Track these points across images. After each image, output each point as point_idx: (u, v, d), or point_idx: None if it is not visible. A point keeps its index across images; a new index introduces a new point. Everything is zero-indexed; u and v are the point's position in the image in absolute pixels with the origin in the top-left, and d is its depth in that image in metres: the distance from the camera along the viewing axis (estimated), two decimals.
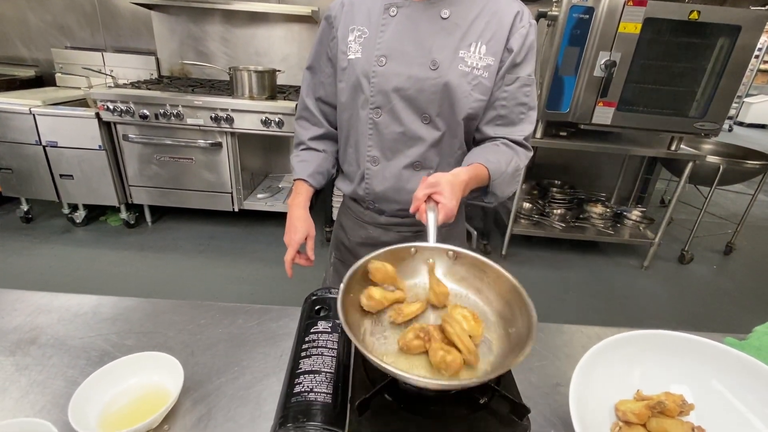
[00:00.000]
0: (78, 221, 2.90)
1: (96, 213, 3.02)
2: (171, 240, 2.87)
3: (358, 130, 0.94)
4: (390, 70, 0.86)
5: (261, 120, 2.48)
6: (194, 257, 2.68)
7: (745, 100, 8.71)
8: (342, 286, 0.62)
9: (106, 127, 2.59)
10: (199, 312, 0.82)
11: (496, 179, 0.86)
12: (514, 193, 2.72)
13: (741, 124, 8.93)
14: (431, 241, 0.71)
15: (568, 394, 0.71)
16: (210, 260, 2.67)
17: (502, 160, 0.87)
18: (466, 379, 0.51)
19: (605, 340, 0.62)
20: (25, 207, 2.87)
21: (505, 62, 0.85)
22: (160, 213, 3.12)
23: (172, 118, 2.49)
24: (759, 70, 8.68)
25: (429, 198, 0.74)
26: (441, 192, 0.73)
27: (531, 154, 0.95)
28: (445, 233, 1.02)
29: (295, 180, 1.03)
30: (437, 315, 0.66)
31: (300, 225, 0.98)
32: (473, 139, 0.96)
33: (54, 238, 2.79)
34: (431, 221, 0.72)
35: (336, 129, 1.03)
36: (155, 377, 0.65)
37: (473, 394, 0.60)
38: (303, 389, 0.57)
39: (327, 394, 0.56)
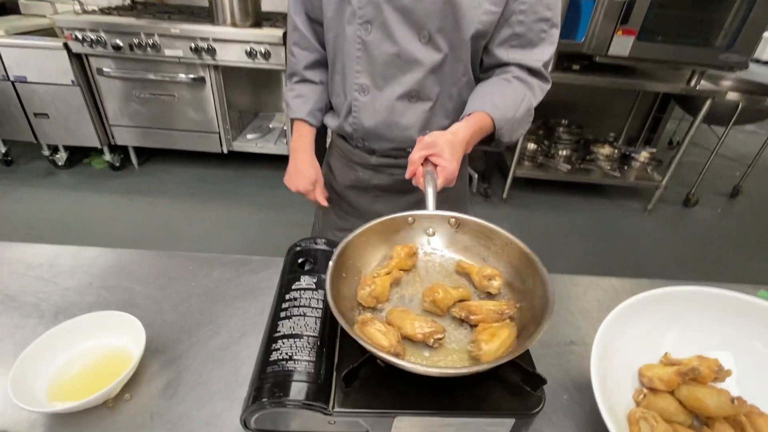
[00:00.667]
0: (60, 164, 2.76)
1: (79, 155, 2.87)
2: (159, 183, 2.75)
3: (344, 51, 0.79)
4: None
5: (245, 51, 2.25)
6: (184, 201, 2.58)
7: (765, 34, 8.18)
8: (330, 264, 0.52)
9: (78, 60, 2.36)
10: (169, 263, 0.73)
11: (502, 127, 0.74)
12: None
13: (758, 61, 8.45)
14: (430, 208, 0.63)
15: (582, 353, 0.64)
16: (200, 204, 2.56)
17: (511, 104, 0.74)
18: (475, 365, 0.43)
19: (635, 298, 0.53)
20: (2, 148, 2.71)
21: None
22: (147, 155, 2.97)
23: (148, 49, 2.26)
24: None
25: (426, 160, 0.66)
26: (439, 153, 0.64)
27: (549, 86, 0.81)
28: (445, 192, 0.92)
29: (293, 119, 0.92)
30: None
31: (307, 170, 0.91)
32: (481, 63, 0.81)
33: (36, 182, 2.67)
34: (430, 187, 0.63)
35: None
36: (116, 339, 0.57)
37: None
38: (281, 357, 0.49)
39: (309, 362, 0.48)
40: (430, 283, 0.58)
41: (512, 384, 0.49)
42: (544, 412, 0.53)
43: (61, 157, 2.74)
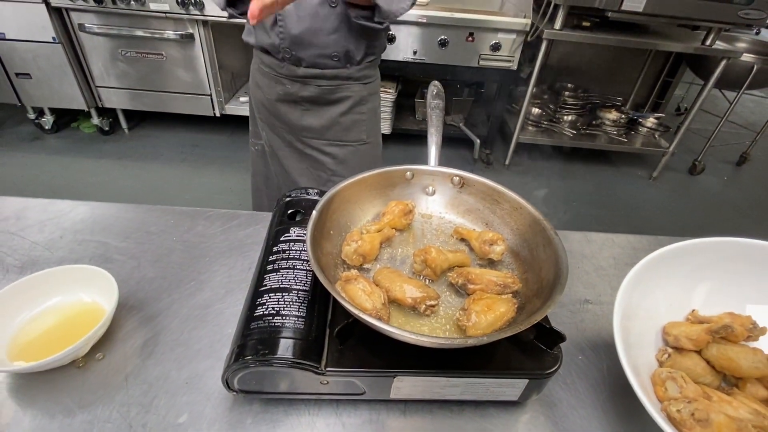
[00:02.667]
0: (47, 127, 2.65)
1: (67, 119, 2.76)
2: (151, 148, 2.65)
3: None
4: None
5: None
6: (177, 166, 2.50)
7: None
8: (314, 213, 0.46)
9: (57, 14, 2.22)
10: (148, 217, 0.67)
11: None
12: (526, 97, 2.46)
13: None
14: (432, 162, 0.57)
15: (598, 312, 0.59)
16: (194, 169, 2.49)
17: None
18: (474, 337, 0.38)
19: (663, 249, 0.48)
20: None
21: None
22: (138, 119, 2.86)
23: (132, 2, 2.12)
24: None
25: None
26: None
27: None
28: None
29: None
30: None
31: None
32: None
33: (23, 146, 2.57)
34: (433, 137, 0.58)
35: None
36: (85, 296, 0.52)
37: None
38: (267, 312, 0.43)
39: (299, 317, 0.43)
40: (424, 246, 0.52)
41: (525, 341, 0.44)
42: (558, 374, 0.49)
43: (48, 120, 2.63)
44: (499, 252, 0.51)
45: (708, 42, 2.31)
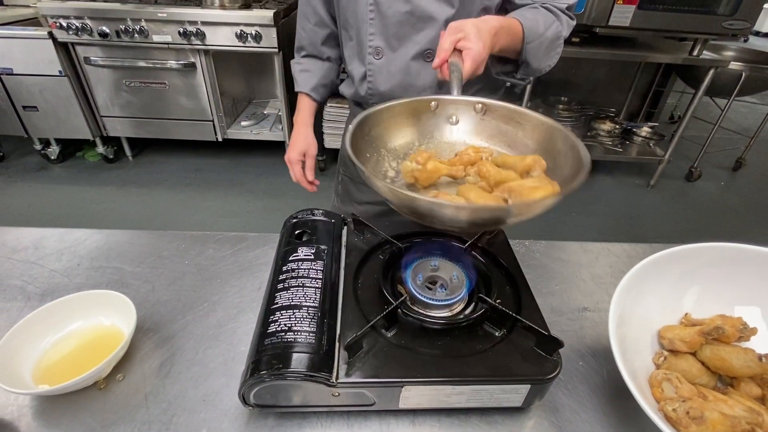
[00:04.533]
0: (53, 157, 2.71)
1: (72, 149, 2.82)
2: (154, 174, 2.70)
3: (357, 15, 0.76)
4: None
5: (236, 34, 2.19)
6: (180, 191, 2.54)
7: (765, 5, 8.02)
8: (353, 125, 0.50)
9: (64, 49, 2.30)
10: (160, 242, 0.70)
11: (531, 41, 0.69)
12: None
13: (757, 33, 8.32)
14: (455, 93, 0.58)
15: (596, 319, 0.61)
16: (197, 194, 2.53)
17: (540, 21, 0.70)
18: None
19: (654, 255, 0.50)
20: None
21: None
22: (141, 146, 2.92)
23: (136, 35, 2.20)
24: None
25: (454, 51, 0.60)
26: (466, 37, 0.59)
27: (575, 23, 0.78)
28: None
29: (297, 92, 0.96)
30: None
31: (298, 142, 0.94)
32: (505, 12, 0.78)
33: (30, 177, 2.62)
34: (455, 77, 0.58)
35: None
36: (104, 319, 0.54)
37: (487, 326, 0.49)
38: (280, 328, 0.46)
39: (310, 332, 0.45)
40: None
41: (526, 349, 0.46)
42: (560, 379, 0.51)
43: (54, 150, 2.69)
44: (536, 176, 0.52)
45: (695, 52, 2.37)
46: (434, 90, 0.79)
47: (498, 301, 0.50)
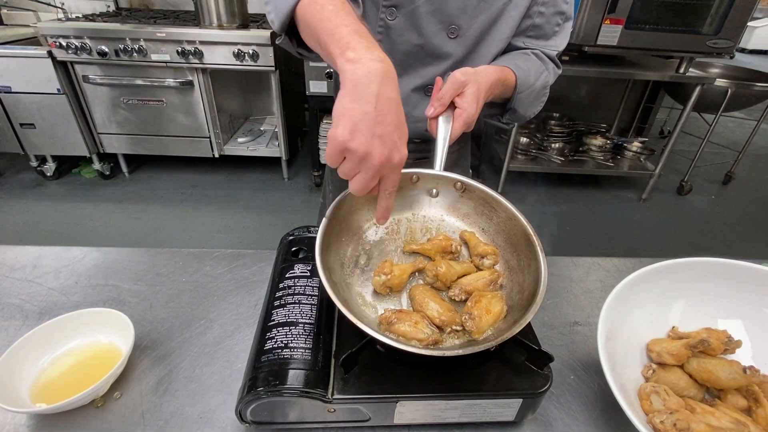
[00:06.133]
0: (49, 174, 2.71)
1: (68, 165, 2.82)
2: (151, 190, 2.71)
3: None
4: None
5: (233, 53, 2.23)
6: (176, 207, 2.55)
7: (749, 23, 8.25)
8: (324, 220, 0.50)
9: (63, 67, 2.33)
10: (158, 260, 0.71)
11: (522, 92, 0.71)
12: (513, 128, 2.57)
13: (743, 50, 8.55)
14: (438, 167, 0.59)
15: (587, 334, 0.62)
16: (193, 209, 2.53)
17: (532, 70, 0.72)
18: (467, 345, 0.42)
19: (639, 271, 0.52)
20: None
21: None
22: (138, 162, 2.93)
23: (135, 54, 2.23)
24: None
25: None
26: (464, 96, 0.59)
27: (560, 71, 0.80)
28: (454, 158, 0.89)
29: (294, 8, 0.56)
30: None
31: (398, 115, 0.46)
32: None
33: (25, 193, 2.62)
34: (441, 138, 0.59)
35: None
36: (102, 337, 0.55)
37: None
38: (276, 345, 0.46)
39: (305, 349, 0.46)
40: (423, 242, 0.57)
41: (517, 364, 0.47)
42: (552, 393, 0.52)
43: (50, 167, 2.70)
44: (488, 266, 0.55)
45: (681, 70, 2.44)
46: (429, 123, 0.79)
47: None
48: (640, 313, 0.52)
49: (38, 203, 2.53)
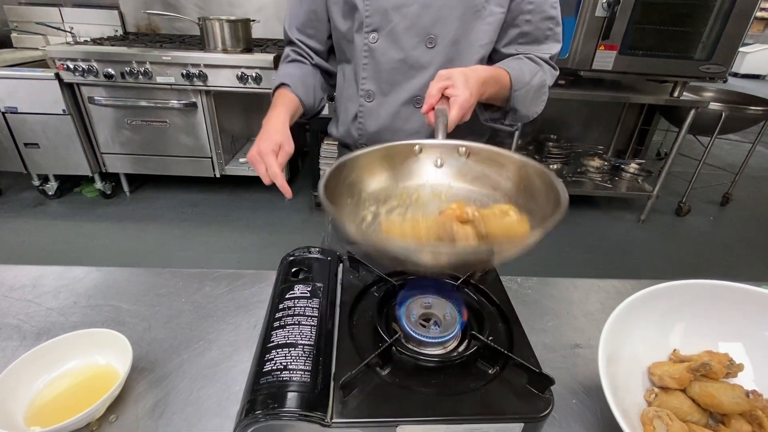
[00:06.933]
0: (50, 193, 2.73)
1: (69, 184, 2.84)
2: (151, 209, 2.72)
3: (353, 60, 0.81)
4: None
5: (237, 75, 2.28)
6: (177, 226, 2.55)
7: (741, 49, 8.46)
8: (329, 170, 0.50)
9: (69, 89, 2.37)
10: (158, 280, 0.71)
11: (518, 89, 0.73)
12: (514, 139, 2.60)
13: (735, 74, 8.73)
14: (439, 137, 0.59)
15: (588, 356, 0.62)
16: (193, 229, 2.54)
17: (526, 70, 0.74)
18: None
19: (637, 294, 0.52)
20: None
21: None
22: (139, 182, 2.95)
23: (140, 76, 2.28)
24: (755, 18, 8.38)
25: (441, 98, 0.63)
26: (453, 85, 0.61)
27: (557, 73, 0.82)
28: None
29: (273, 91, 0.84)
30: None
31: (273, 133, 0.72)
32: (491, 61, 0.83)
33: (26, 212, 2.63)
34: (440, 123, 0.60)
35: (327, 62, 0.91)
36: (100, 358, 0.54)
37: (481, 363, 0.50)
38: (275, 367, 0.46)
39: (305, 371, 0.46)
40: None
41: (518, 387, 0.47)
42: (554, 417, 0.51)
43: (52, 186, 2.71)
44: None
45: (676, 94, 2.48)
46: (422, 135, 0.81)
47: (490, 338, 0.51)
48: (640, 335, 0.52)
49: (39, 222, 2.54)
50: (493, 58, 0.82)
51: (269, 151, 0.69)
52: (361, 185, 0.58)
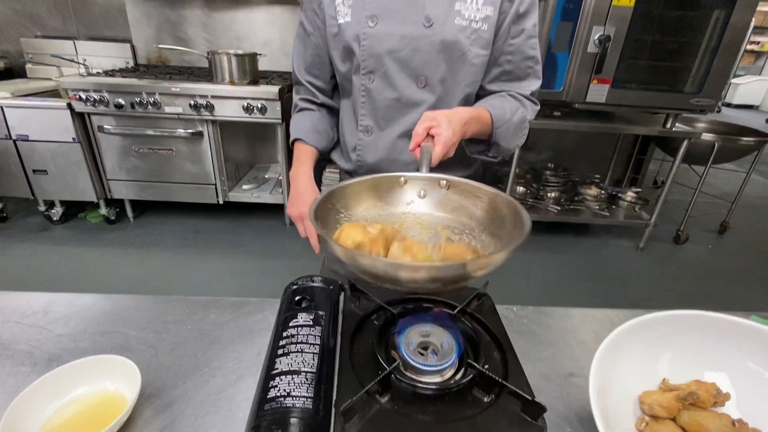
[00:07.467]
0: (55, 218, 2.77)
1: (74, 210, 2.89)
2: (154, 235, 2.75)
3: (352, 98, 0.89)
4: (381, 31, 0.79)
5: (243, 106, 2.36)
6: (179, 252, 2.57)
7: (733, 80, 8.70)
8: (318, 197, 0.56)
9: (80, 118, 2.45)
10: (165, 307, 0.73)
11: (499, 126, 0.79)
12: (510, 174, 2.65)
13: (729, 105, 8.94)
14: (423, 171, 0.65)
15: (582, 385, 0.63)
16: (195, 255, 2.56)
17: (507, 108, 0.81)
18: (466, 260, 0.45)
19: (625, 324, 0.54)
20: None
21: (507, 13, 0.78)
22: (143, 207, 2.99)
23: (149, 106, 2.36)
24: (745, 51, 8.66)
25: (427, 136, 0.68)
26: (437, 125, 0.67)
27: (538, 107, 0.88)
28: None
29: (293, 144, 0.95)
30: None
31: (308, 195, 0.87)
32: (477, 98, 0.90)
33: (31, 237, 2.66)
34: (425, 156, 0.65)
35: (332, 99, 0.98)
36: (110, 384, 0.56)
37: (476, 392, 0.52)
38: (279, 393, 0.48)
39: (307, 398, 0.48)
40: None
41: (513, 415, 0.48)
42: None
43: (57, 211, 2.75)
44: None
45: (668, 125, 2.55)
46: (416, 165, 0.87)
47: (486, 366, 0.54)
48: (630, 365, 0.54)
49: (42, 247, 2.56)
50: (479, 94, 0.89)
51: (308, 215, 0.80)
52: (348, 211, 0.63)
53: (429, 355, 0.55)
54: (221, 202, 2.74)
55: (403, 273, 0.45)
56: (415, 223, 0.65)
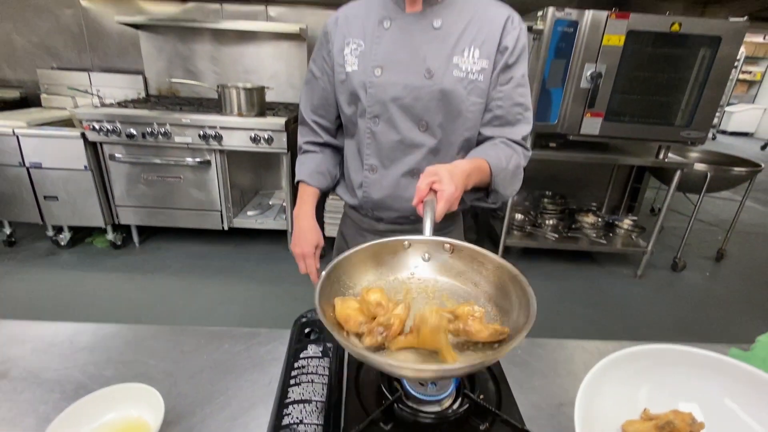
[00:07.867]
0: (63, 243, 2.83)
1: (81, 235, 2.95)
2: (159, 260, 2.80)
3: (358, 139, 0.96)
4: (386, 81, 0.87)
5: (250, 137, 2.45)
6: (183, 277, 2.62)
7: (726, 109, 8.92)
8: (323, 274, 0.58)
9: (92, 147, 2.54)
10: (182, 338, 0.78)
11: (498, 174, 0.85)
12: (509, 201, 2.72)
13: (724, 132, 9.13)
14: (427, 233, 0.67)
15: (571, 414, 0.67)
16: (199, 280, 2.60)
17: (502, 156, 0.87)
18: (461, 364, 0.47)
19: (608, 357, 0.59)
20: (7, 230, 2.80)
21: (499, 63, 0.86)
22: (148, 233, 3.06)
23: (160, 136, 2.45)
24: (738, 80, 8.92)
25: (429, 191, 0.71)
26: (439, 180, 0.71)
27: (530, 154, 0.95)
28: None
29: (297, 184, 1.03)
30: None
31: (310, 235, 0.99)
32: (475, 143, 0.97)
33: (38, 262, 2.72)
34: (428, 215, 0.68)
35: (335, 138, 1.06)
36: (134, 411, 0.61)
37: (472, 420, 0.57)
38: (292, 421, 0.53)
39: (317, 425, 0.53)
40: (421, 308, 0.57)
41: None
42: None
43: (65, 236, 2.82)
44: (478, 311, 0.56)
45: (661, 156, 2.64)
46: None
47: (481, 396, 0.58)
48: (613, 395, 0.58)
49: (49, 272, 2.61)
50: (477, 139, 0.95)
51: (310, 254, 0.98)
52: (352, 281, 0.65)
53: (429, 385, 0.60)
54: (226, 228, 2.80)
55: (408, 373, 0.48)
56: (421, 290, 0.66)
